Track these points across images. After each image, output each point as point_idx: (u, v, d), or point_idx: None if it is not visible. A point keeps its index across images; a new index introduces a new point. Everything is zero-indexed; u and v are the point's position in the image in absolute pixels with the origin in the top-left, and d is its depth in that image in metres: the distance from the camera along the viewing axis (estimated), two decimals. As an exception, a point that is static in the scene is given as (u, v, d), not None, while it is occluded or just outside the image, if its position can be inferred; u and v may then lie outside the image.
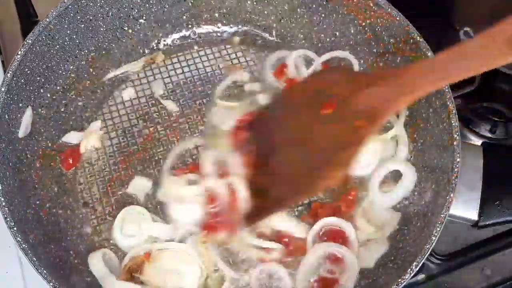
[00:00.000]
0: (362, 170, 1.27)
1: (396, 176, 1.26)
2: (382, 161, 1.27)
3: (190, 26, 1.46)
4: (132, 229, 1.20)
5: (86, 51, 1.33)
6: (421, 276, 1.32)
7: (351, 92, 1.04)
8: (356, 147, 1.02)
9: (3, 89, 1.14)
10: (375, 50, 1.30)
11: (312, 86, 1.13)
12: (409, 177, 1.24)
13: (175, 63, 1.43)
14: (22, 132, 1.20)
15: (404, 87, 0.97)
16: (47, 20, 1.21)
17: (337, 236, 1.20)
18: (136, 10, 1.36)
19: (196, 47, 1.45)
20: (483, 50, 0.90)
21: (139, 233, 1.19)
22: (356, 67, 1.34)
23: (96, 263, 1.17)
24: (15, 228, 1.06)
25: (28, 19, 1.52)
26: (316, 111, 1.08)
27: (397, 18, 1.21)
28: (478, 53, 0.90)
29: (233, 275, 1.17)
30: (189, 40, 1.46)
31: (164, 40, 1.44)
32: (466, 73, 0.92)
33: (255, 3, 1.41)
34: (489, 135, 1.46)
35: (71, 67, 1.31)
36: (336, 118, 1.05)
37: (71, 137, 1.32)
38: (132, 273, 1.16)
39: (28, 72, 1.20)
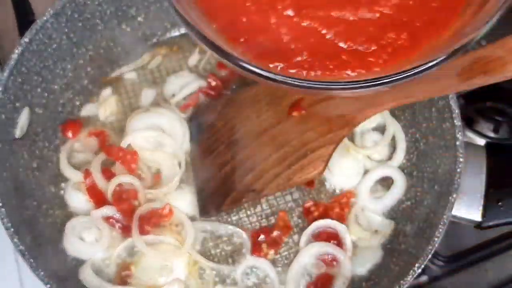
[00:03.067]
0: (348, 183, 1.26)
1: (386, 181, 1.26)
2: (373, 166, 1.27)
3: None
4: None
5: (83, 50, 1.31)
6: (423, 279, 1.31)
7: (318, 99, 1.15)
8: (327, 150, 1.12)
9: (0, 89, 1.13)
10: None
11: (276, 89, 1.18)
12: (400, 183, 1.24)
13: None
14: (19, 132, 1.19)
15: (373, 100, 1.09)
16: (44, 18, 1.19)
17: (331, 239, 1.20)
18: (134, 8, 1.35)
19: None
20: (438, 80, 1.02)
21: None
22: None
23: (88, 276, 1.16)
24: (12, 229, 1.05)
25: (25, 18, 1.50)
26: (283, 110, 1.17)
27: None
28: (434, 81, 1.03)
29: (211, 266, 1.19)
30: (188, 38, 1.44)
31: (163, 38, 1.43)
32: (424, 96, 1.08)
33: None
34: (492, 135, 1.45)
35: (69, 66, 1.30)
36: (305, 120, 1.15)
37: (88, 109, 1.33)
38: (123, 278, 1.15)
39: (25, 71, 1.19)
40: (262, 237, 1.21)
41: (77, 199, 1.22)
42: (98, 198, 1.21)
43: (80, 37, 1.29)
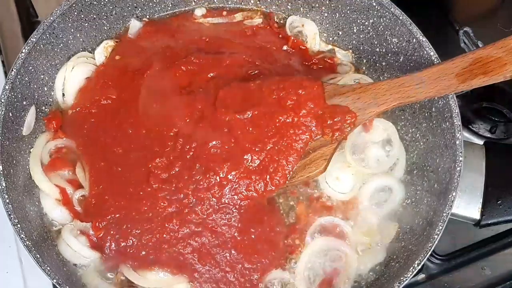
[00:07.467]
0: (345, 196, 1.23)
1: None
2: (374, 175, 1.25)
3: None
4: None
5: (90, 49, 1.32)
6: (421, 276, 1.32)
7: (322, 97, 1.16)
8: (329, 148, 1.14)
9: (7, 87, 1.14)
10: (377, 50, 1.30)
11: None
12: (399, 195, 1.24)
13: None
14: (26, 130, 1.20)
15: (374, 100, 1.12)
16: (51, 18, 1.21)
17: (335, 236, 1.19)
18: (139, 9, 1.36)
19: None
20: (438, 80, 1.07)
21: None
22: None
23: (93, 280, 1.15)
24: (19, 226, 1.06)
25: (28, 19, 1.52)
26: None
27: (400, 18, 1.21)
28: (434, 82, 1.07)
29: None
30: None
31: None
32: (424, 96, 1.09)
33: (258, 2, 1.41)
34: (489, 135, 1.46)
35: (75, 66, 1.31)
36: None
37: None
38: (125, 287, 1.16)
39: (32, 70, 1.20)
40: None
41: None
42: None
43: (86, 37, 1.30)
